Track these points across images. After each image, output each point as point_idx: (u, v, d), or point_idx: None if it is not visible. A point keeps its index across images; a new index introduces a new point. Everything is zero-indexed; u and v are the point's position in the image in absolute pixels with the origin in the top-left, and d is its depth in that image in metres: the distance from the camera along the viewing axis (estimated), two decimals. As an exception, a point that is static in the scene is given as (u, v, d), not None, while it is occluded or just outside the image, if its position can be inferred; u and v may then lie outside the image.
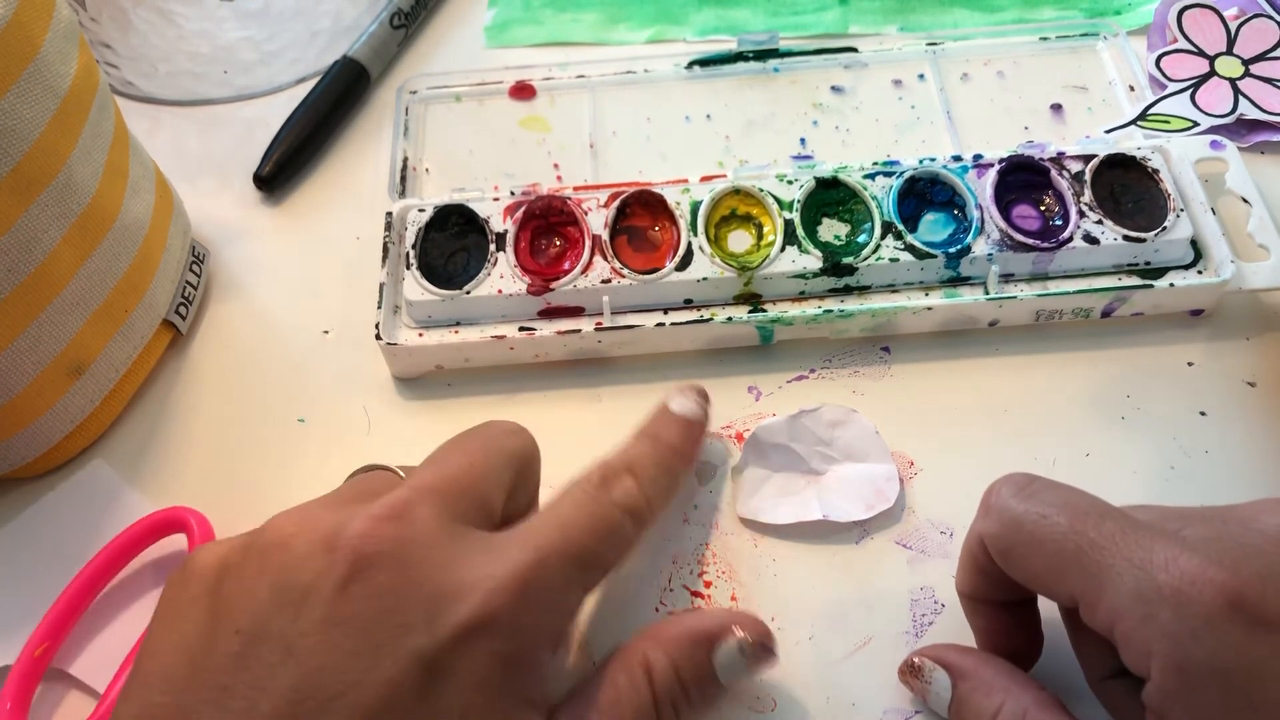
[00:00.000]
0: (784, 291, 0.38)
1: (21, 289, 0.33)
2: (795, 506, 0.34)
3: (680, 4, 0.51)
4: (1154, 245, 0.38)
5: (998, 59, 0.47)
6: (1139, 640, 0.23)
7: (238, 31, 0.51)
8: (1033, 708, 0.26)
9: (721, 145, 0.45)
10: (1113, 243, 0.38)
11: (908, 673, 0.30)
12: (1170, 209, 0.38)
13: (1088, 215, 0.38)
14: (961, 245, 0.38)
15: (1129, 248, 0.38)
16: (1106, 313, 0.38)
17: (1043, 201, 0.40)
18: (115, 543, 0.34)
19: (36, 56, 0.32)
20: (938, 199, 0.40)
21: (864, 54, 0.47)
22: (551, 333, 0.38)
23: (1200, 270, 0.38)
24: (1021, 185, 0.40)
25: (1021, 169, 0.40)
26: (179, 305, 0.40)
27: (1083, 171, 0.39)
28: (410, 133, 0.46)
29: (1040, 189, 0.40)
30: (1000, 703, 0.27)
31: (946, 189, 0.40)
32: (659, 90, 0.47)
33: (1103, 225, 0.38)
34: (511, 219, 0.39)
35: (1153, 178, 0.39)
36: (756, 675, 0.30)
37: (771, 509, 0.34)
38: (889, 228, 0.39)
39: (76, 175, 0.34)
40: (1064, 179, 0.39)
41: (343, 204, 0.45)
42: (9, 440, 0.36)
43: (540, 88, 0.47)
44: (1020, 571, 0.26)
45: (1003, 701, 0.27)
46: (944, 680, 0.28)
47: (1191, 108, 0.44)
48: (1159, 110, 0.44)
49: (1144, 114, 0.44)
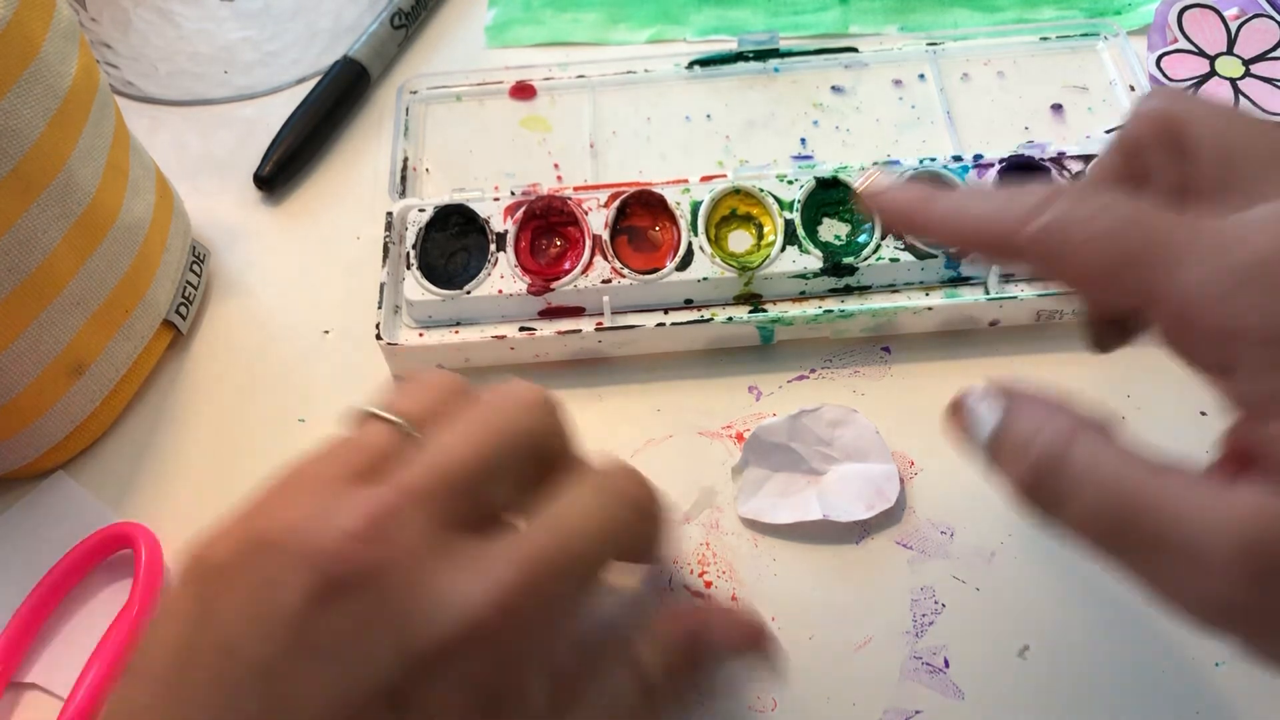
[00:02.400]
0: (784, 291, 0.38)
1: (22, 289, 0.33)
2: (796, 507, 0.34)
3: (680, 4, 0.51)
4: (1154, 245, 0.38)
5: (998, 59, 0.47)
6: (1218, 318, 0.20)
7: (238, 31, 0.51)
8: (1080, 427, 0.22)
9: (722, 145, 0.45)
10: (1113, 242, 0.38)
11: (951, 413, 0.25)
12: None
13: None
14: (962, 245, 0.38)
15: (1129, 247, 0.38)
16: (1107, 313, 0.38)
17: None
18: (63, 562, 0.35)
19: (37, 56, 0.32)
20: None
21: (864, 54, 0.47)
22: (552, 333, 0.38)
23: (1200, 270, 0.38)
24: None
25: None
26: (179, 305, 0.40)
27: (1083, 171, 0.39)
28: (410, 133, 0.46)
29: (1040, 189, 0.40)
30: (1043, 423, 0.23)
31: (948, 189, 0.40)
32: (659, 90, 0.47)
33: (1103, 225, 0.38)
34: (512, 219, 0.39)
35: None
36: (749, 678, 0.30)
37: (772, 509, 0.34)
38: (889, 228, 0.39)
39: (77, 175, 0.34)
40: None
41: (343, 204, 0.45)
42: (9, 440, 0.36)
43: (540, 87, 0.47)
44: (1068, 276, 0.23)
45: (1046, 422, 0.23)
46: (992, 412, 0.24)
47: None
48: None
49: None
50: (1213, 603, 0.20)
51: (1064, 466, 0.22)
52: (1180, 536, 0.20)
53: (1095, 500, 0.21)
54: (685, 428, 0.37)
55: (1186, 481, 0.21)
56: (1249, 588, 0.19)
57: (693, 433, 0.37)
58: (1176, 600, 0.21)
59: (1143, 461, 0.21)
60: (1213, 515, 0.20)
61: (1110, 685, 0.31)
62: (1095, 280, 0.23)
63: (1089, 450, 0.22)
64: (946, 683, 0.31)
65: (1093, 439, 0.22)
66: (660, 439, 0.37)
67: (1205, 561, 0.20)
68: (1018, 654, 0.32)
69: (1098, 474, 0.21)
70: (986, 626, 0.32)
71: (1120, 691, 0.31)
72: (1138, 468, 0.21)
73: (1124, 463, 0.21)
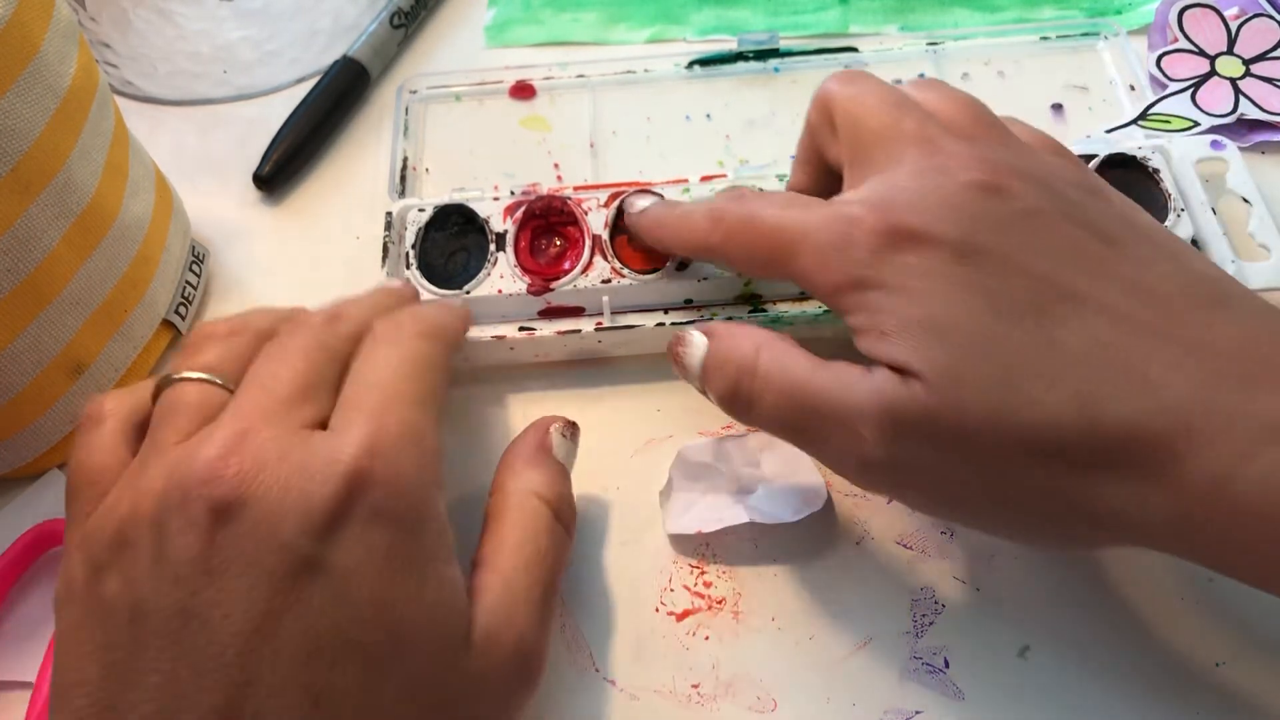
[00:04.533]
0: (786, 291, 0.38)
1: (21, 289, 0.33)
2: (724, 518, 0.34)
3: (680, 4, 0.51)
4: (1154, 245, 0.38)
5: (998, 59, 0.47)
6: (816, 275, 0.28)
7: (237, 31, 0.51)
8: (764, 342, 0.29)
9: (722, 145, 0.45)
10: (1113, 242, 0.38)
11: (670, 348, 0.32)
12: (1170, 209, 0.38)
13: None
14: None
15: (1129, 247, 0.38)
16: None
17: None
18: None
19: (36, 56, 0.32)
20: None
21: (864, 54, 0.47)
22: (551, 333, 0.38)
23: (1201, 270, 0.38)
24: None
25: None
26: (179, 305, 0.40)
27: None
28: (410, 132, 0.46)
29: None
30: (738, 343, 0.29)
31: None
32: (659, 90, 0.47)
33: (1103, 225, 0.38)
34: (511, 219, 0.39)
35: (1153, 178, 0.39)
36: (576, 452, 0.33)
37: (700, 523, 0.34)
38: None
39: (76, 175, 0.34)
40: None
41: (343, 204, 0.45)
42: (9, 440, 0.36)
43: (540, 87, 0.47)
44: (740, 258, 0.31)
45: (742, 345, 0.29)
46: (700, 341, 0.30)
47: (1192, 107, 0.44)
48: (1160, 110, 0.44)
49: (1144, 114, 0.44)
50: (867, 462, 0.27)
51: (753, 375, 0.28)
52: (839, 412, 0.26)
53: (776, 396, 0.28)
54: (685, 428, 0.37)
55: (839, 372, 0.27)
56: (889, 445, 0.26)
57: (693, 433, 0.37)
58: (843, 468, 0.28)
59: (810, 360, 0.28)
60: (859, 392, 0.26)
61: (1110, 685, 0.31)
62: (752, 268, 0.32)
63: (770, 357, 0.28)
64: (946, 683, 0.31)
65: (773, 349, 0.28)
66: (660, 439, 0.37)
67: (857, 429, 0.26)
68: (1018, 654, 0.32)
69: (776, 376, 0.28)
70: (986, 626, 0.32)
71: (1120, 691, 0.31)
72: (806, 365, 0.28)
73: (795, 362, 0.28)
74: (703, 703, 0.31)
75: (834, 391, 0.27)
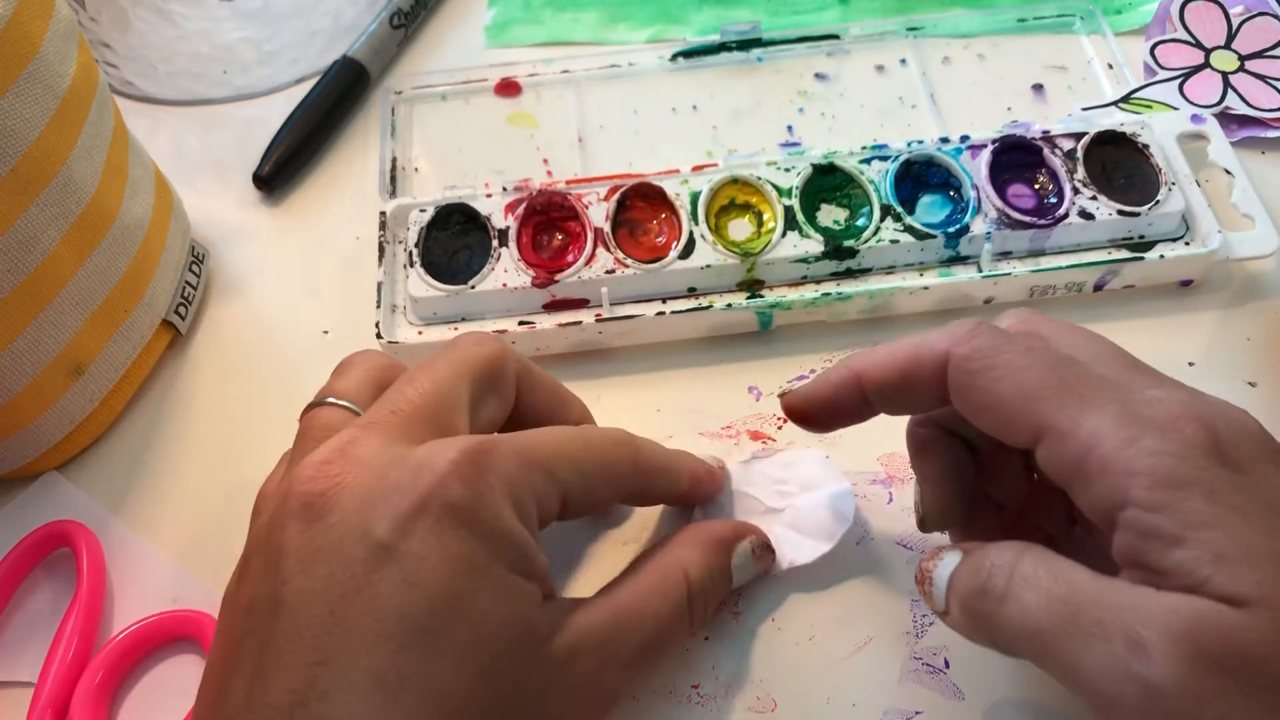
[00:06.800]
0: (787, 276, 0.38)
1: (21, 289, 0.33)
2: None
3: (680, 4, 0.51)
4: (1148, 219, 0.38)
5: (977, 42, 0.47)
6: (1120, 461, 0.23)
7: (237, 31, 0.51)
8: (1025, 552, 0.25)
9: (709, 135, 0.45)
10: (1108, 218, 0.38)
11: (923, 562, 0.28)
12: (1162, 183, 0.39)
13: (1082, 192, 0.39)
14: (960, 225, 0.38)
15: (1123, 222, 0.38)
16: (1099, 286, 0.39)
17: (1036, 180, 0.40)
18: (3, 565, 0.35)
19: (36, 56, 0.32)
20: (933, 181, 0.40)
21: (845, 41, 0.47)
22: (552, 325, 0.38)
23: (1188, 242, 0.38)
24: (1015, 165, 0.40)
25: (1015, 149, 0.40)
26: (178, 305, 0.40)
27: (1075, 149, 0.40)
28: (397, 132, 0.46)
29: (1033, 168, 0.40)
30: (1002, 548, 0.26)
31: (941, 171, 0.40)
32: (644, 83, 0.47)
33: (1097, 201, 0.38)
34: (513, 215, 0.39)
35: (1143, 153, 0.40)
36: (759, 574, 0.32)
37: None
38: (888, 210, 0.39)
39: (76, 175, 0.34)
40: (1057, 157, 0.39)
41: (342, 204, 0.45)
42: (9, 440, 0.36)
43: (525, 84, 0.47)
44: (981, 397, 0.26)
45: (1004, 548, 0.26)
46: (955, 553, 0.27)
47: (1177, 96, 0.44)
48: (1143, 95, 0.44)
49: (1127, 97, 0.44)
50: (1148, 683, 0.22)
51: (1009, 573, 0.25)
52: (1122, 622, 0.23)
53: (1038, 595, 0.24)
54: (685, 428, 0.37)
55: (1118, 582, 0.23)
56: (1187, 670, 0.22)
57: (693, 433, 0.37)
58: (1106, 683, 0.23)
59: (1078, 567, 0.24)
60: (1154, 606, 0.22)
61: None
62: (1003, 410, 0.25)
63: (1037, 556, 0.25)
64: (946, 683, 0.31)
65: (1042, 551, 0.25)
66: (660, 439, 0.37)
67: (1145, 644, 0.22)
68: (1019, 653, 0.32)
69: (1044, 573, 0.24)
70: (987, 626, 0.32)
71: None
72: (1075, 570, 0.24)
73: (1068, 563, 0.24)
74: (703, 703, 0.31)
75: (1122, 597, 0.23)
